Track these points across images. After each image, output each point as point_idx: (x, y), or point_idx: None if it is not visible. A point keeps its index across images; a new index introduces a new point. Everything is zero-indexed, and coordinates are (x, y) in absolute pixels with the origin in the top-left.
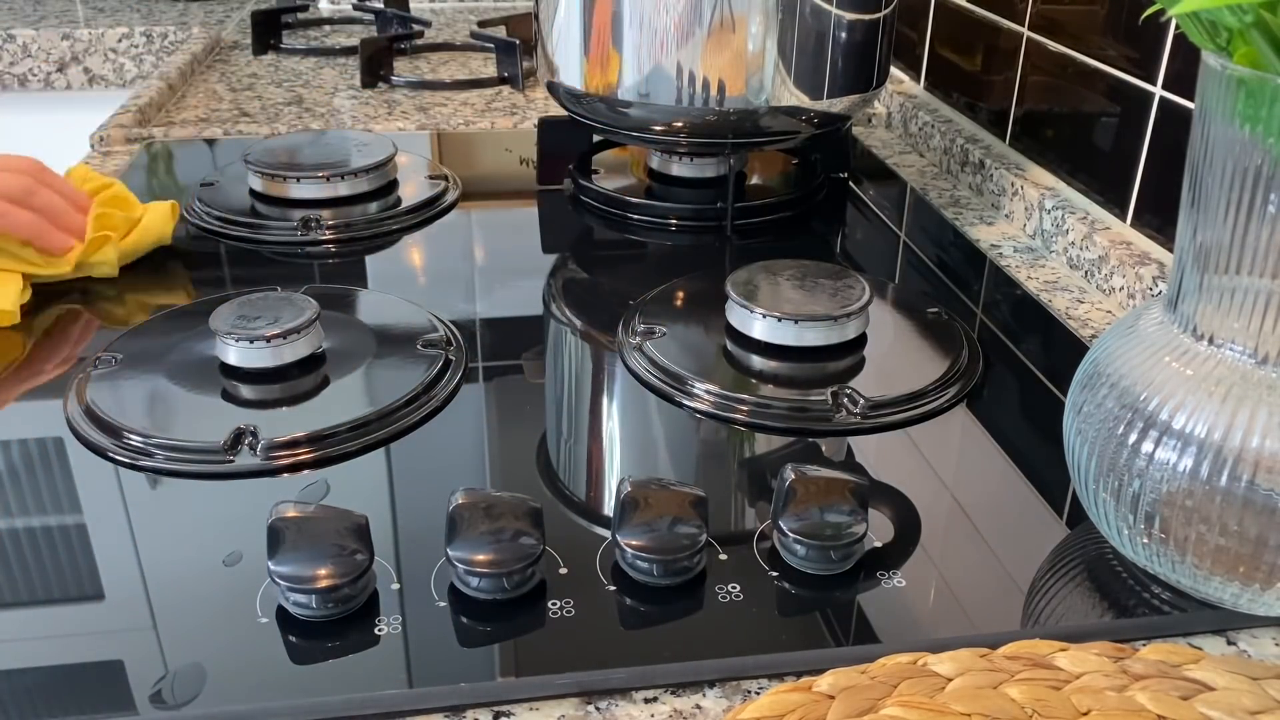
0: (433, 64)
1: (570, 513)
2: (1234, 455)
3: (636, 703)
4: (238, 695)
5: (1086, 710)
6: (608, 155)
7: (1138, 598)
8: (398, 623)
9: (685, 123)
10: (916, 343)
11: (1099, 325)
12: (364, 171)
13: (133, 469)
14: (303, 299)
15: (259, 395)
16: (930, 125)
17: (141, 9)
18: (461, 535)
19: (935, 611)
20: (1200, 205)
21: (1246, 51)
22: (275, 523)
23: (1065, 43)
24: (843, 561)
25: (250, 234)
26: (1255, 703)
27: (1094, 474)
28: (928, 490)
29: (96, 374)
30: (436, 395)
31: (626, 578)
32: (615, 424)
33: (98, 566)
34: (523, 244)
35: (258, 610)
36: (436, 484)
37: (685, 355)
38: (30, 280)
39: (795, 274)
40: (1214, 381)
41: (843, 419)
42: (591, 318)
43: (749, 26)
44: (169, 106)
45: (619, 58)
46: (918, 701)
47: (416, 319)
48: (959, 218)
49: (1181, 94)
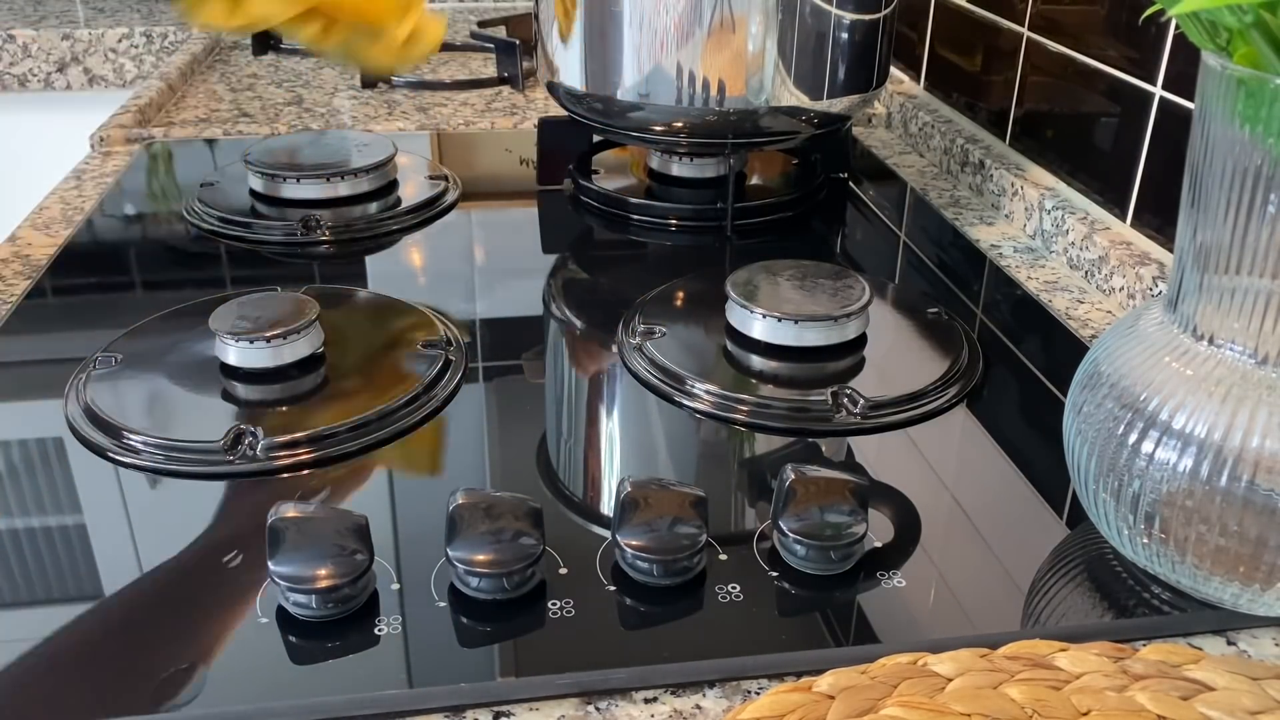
0: (432, 64)
1: (570, 513)
2: (1234, 455)
3: (636, 703)
4: (238, 695)
5: (1086, 710)
6: (608, 155)
7: (1138, 598)
8: (398, 623)
9: (685, 123)
10: (916, 343)
11: (1099, 325)
12: (364, 171)
13: (133, 469)
14: (303, 299)
15: (259, 395)
16: (930, 125)
17: (141, 9)
18: (461, 535)
19: (935, 611)
20: (1200, 205)
21: (1246, 51)
22: (275, 523)
23: (1065, 43)
24: (843, 561)
25: (250, 234)
26: (1255, 703)
27: (1094, 474)
28: (928, 490)
29: (96, 374)
30: (436, 395)
31: (626, 578)
32: (615, 424)
33: (98, 566)
34: (523, 244)
35: (258, 610)
36: (436, 484)
37: (685, 355)
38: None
39: (795, 274)
40: (1214, 381)
41: (843, 419)
42: (591, 318)
43: (749, 26)
44: (169, 107)
45: (619, 58)
46: (918, 702)
47: (416, 319)
48: (959, 218)
49: (1181, 94)
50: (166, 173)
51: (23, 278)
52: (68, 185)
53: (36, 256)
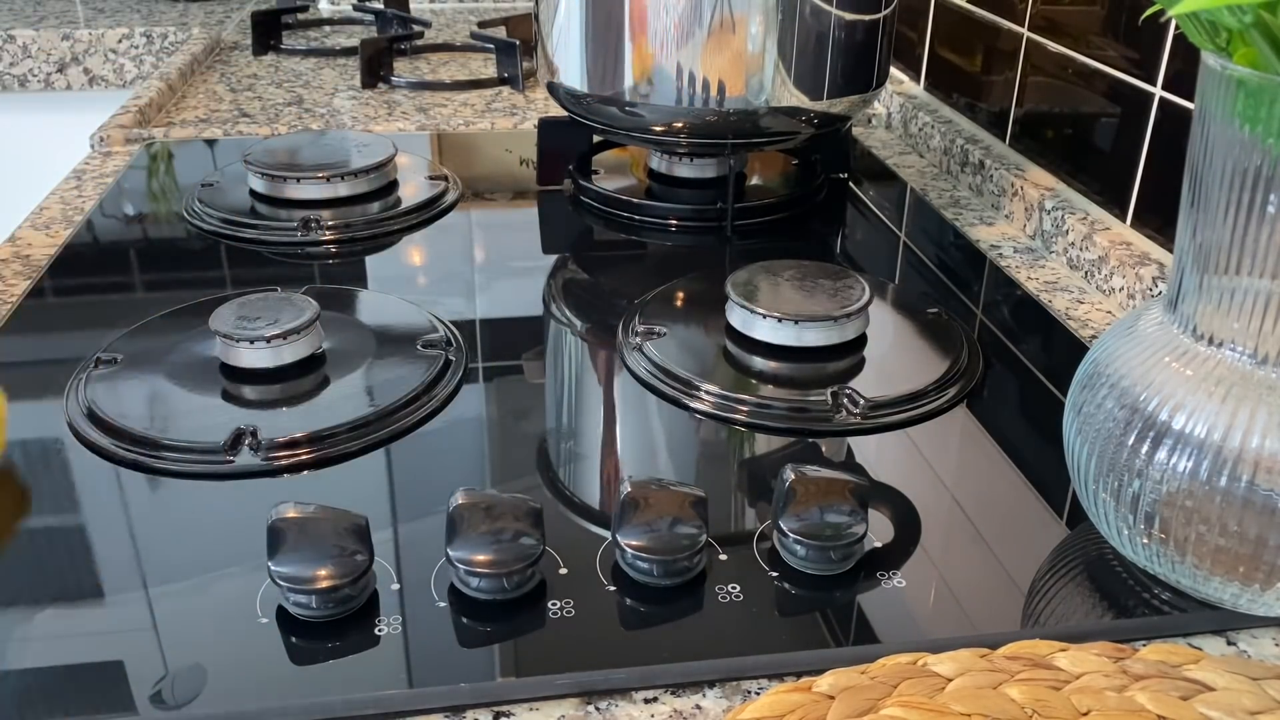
0: (432, 65)
1: (570, 513)
2: (1234, 455)
3: (636, 703)
4: (238, 695)
5: (1086, 710)
6: (608, 155)
7: (1138, 598)
8: (398, 623)
9: (685, 123)
10: (916, 343)
11: (1099, 325)
12: (364, 172)
13: (133, 469)
14: (303, 299)
15: (259, 395)
16: (930, 126)
17: (141, 9)
18: (461, 535)
19: (935, 611)
20: (1200, 205)
21: (1246, 52)
22: (275, 523)
23: (1065, 43)
24: (843, 562)
25: (250, 234)
26: (1255, 703)
27: (1094, 474)
28: (928, 490)
29: (96, 374)
30: (436, 395)
31: (626, 578)
32: (615, 424)
33: (98, 566)
34: (523, 244)
35: (258, 610)
36: (436, 484)
37: (685, 356)
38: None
39: (795, 274)
40: (1214, 382)
41: (843, 419)
42: (591, 318)
43: (749, 27)
44: (169, 107)
45: (619, 58)
46: (918, 702)
47: (416, 319)
48: (959, 218)
49: (1181, 94)
50: (166, 173)
51: (23, 278)
52: (68, 185)
53: (36, 256)
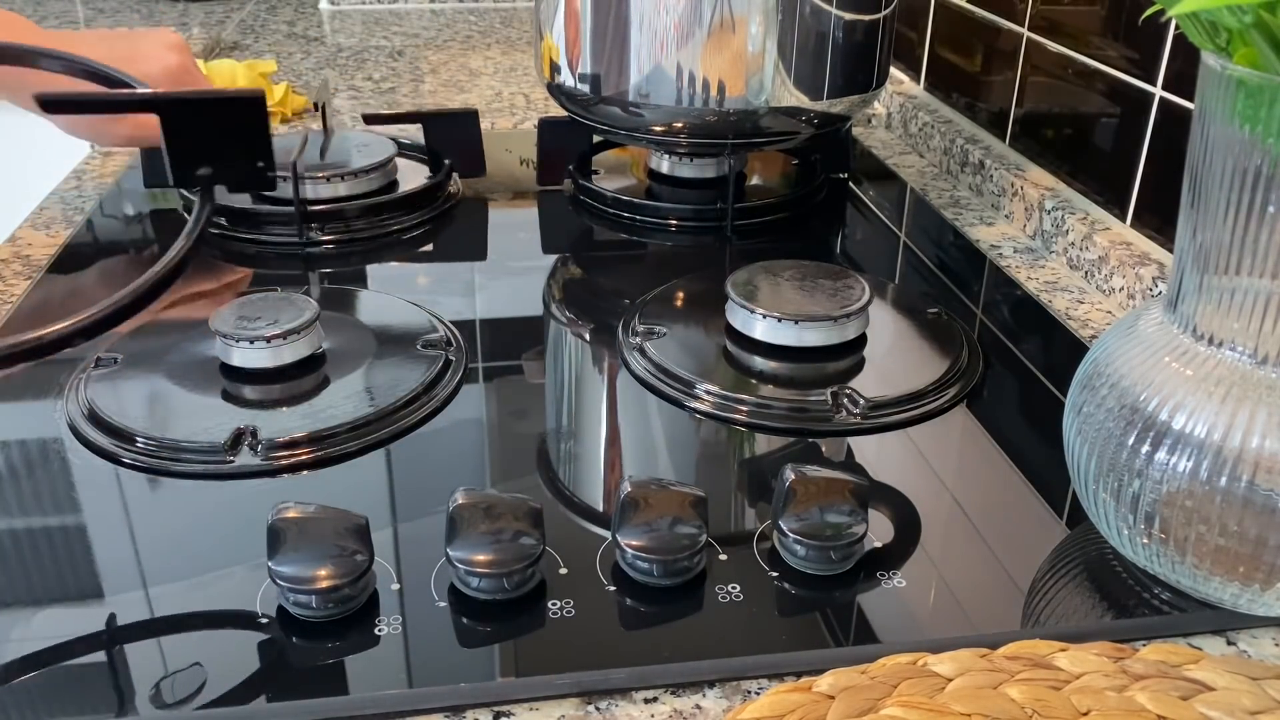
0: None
1: (570, 513)
2: (1234, 455)
3: (636, 703)
4: (238, 695)
5: (1086, 710)
6: (608, 155)
7: (1138, 598)
8: (398, 623)
9: (685, 123)
10: (916, 343)
11: (1099, 325)
12: (364, 172)
13: (133, 469)
14: (303, 299)
15: (259, 395)
16: (930, 126)
17: (141, 9)
18: (461, 535)
19: (935, 611)
20: (1200, 205)
21: (1246, 52)
22: (275, 523)
23: (1065, 43)
24: (843, 562)
25: (250, 234)
26: (1255, 703)
27: (1094, 474)
28: (928, 490)
29: (96, 374)
30: (436, 395)
31: (626, 578)
32: (615, 424)
33: (98, 566)
34: (523, 244)
35: (258, 610)
36: (436, 484)
37: (685, 356)
38: None
39: (795, 274)
40: (1214, 382)
41: (843, 419)
42: (591, 318)
43: (749, 27)
44: None
45: (619, 58)
46: (918, 701)
47: (416, 319)
48: (959, 218)
49: (1181, 94)
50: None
51: (23, 278)
52: (68, 185)
53: (36, 256)
